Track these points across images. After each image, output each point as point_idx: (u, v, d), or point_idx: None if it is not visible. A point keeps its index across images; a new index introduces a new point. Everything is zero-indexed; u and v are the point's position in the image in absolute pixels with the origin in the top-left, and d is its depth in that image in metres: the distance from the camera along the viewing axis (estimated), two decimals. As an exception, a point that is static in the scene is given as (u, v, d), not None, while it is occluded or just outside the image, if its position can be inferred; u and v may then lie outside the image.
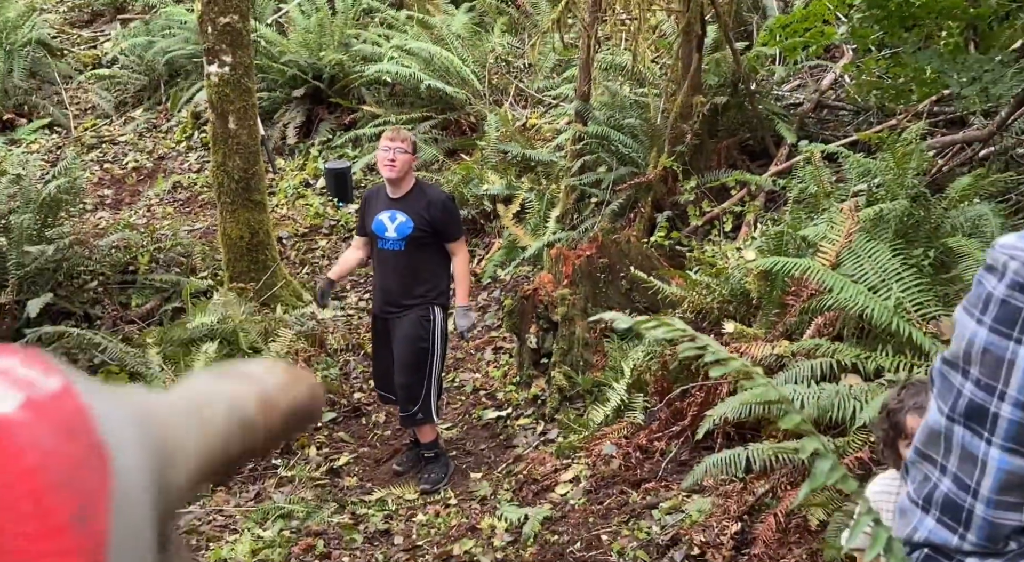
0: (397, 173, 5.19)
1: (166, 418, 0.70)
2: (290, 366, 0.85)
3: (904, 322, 4.09)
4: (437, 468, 5.46)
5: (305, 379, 0.84)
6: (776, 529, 3.95)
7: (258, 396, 0.76)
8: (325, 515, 5.21)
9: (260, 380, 0.79)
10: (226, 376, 0.80)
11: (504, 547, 4.64)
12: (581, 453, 5.26)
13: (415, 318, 5.31)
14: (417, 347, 5.32)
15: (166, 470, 0.67)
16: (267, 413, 0.76)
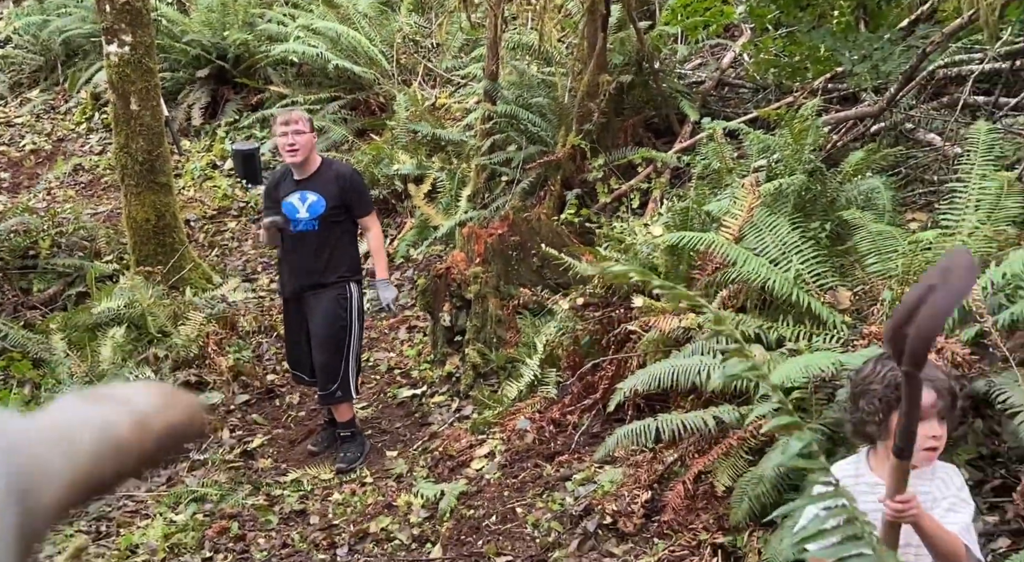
0: (301, 156, 5.16)
1: (31, 444, 0.70)
2: (167, 388, 0.84)
3: (803, 293, 4.22)
4: (353, 447, 5.46)
5: (182, 401, 0.84)
6: (685, 496, 4.06)
7: (131, 419, 0.76)
8: (239, 497, 5.18)
9: (134, 403, 0.78)
10: (98, 399, 0.79)
11: (421, 523, 4.68)
12: (496, 428, 5.32)
13: (332, 296, 5.29)
14: (336, 326, 5.31)
15: (29, 494, 0.67)
16: (141, 436, 0.76)
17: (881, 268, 4.22)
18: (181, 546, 4.73)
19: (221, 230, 8.96)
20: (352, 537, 4.67)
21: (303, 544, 4.67)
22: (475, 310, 6.10)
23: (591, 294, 5.63)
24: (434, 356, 6.32)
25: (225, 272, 8.07)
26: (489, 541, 4.41)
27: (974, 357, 3.57)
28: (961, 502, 2.32)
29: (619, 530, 4.18)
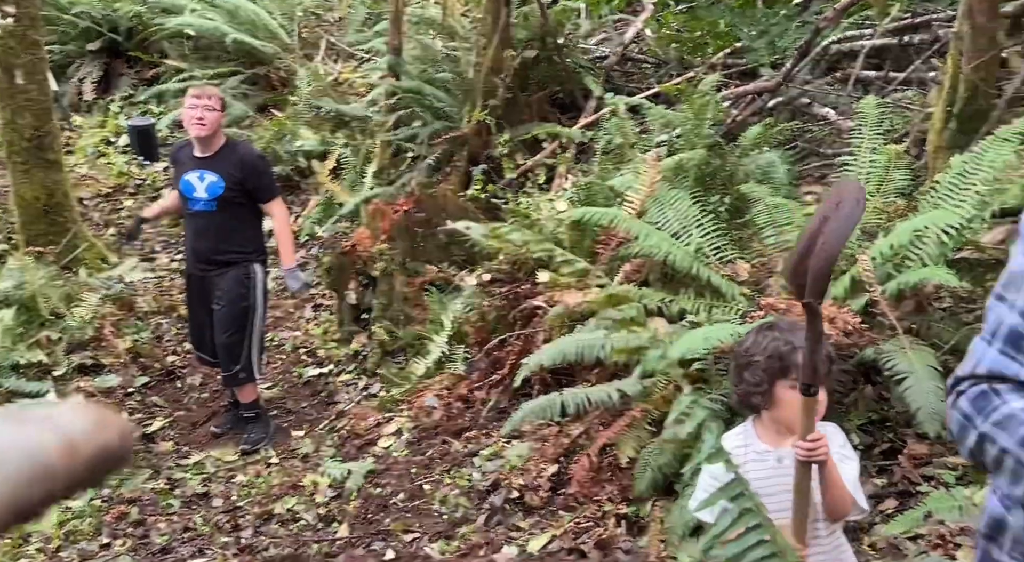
0: (207, 131, 5.04)
1: None
2: (97, 409, 0.82)
3: (704, 266, 4.29)
4: (258, 428, 5.38)
5: (112, 423, 0.81)
6: (590, 468, 4.12)
7: (59, 442, 0.74)
8: (138, 482, 5.06)
9: (63, 425, 0.76)
10: (25, 421, 0.76)
11: (327, 503, 4.65)
12: (403, 406, 5.31)
13: (235, 276, 5.19)
14: (238, 306, 5.20)
15: None
16: (70, 459, 0.74)
17: (777, 240, 4.32)
18: (77, 533, 4.61)
19: (117, 209, 8.72)
20: (257, 519, 4.61)
21: (206, 527, 4.61)
22: (381, 287, 6.07)
23: (497, 270, 5.65)
24: (340, 334, 6.27)
25: (122, 252, 7.85)
26: (397, 519, 4.41)
27: (864, 325, 3.68)
28: (845, 457, 2.39)
29: (526, 504, 4.22)
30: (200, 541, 4.51)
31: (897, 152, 4.37)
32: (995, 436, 1.11)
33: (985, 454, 1.14)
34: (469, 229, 5.39)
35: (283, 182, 8.49)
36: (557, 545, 3.90)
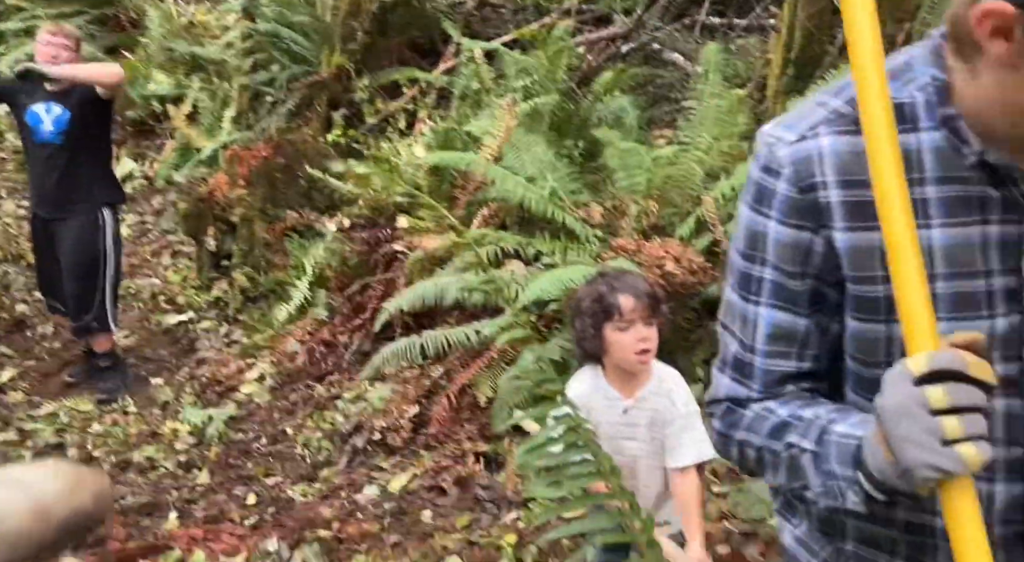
0: None
1: None
2: (72, 470, 0.76)
3: (558, 209, 4.34)
4: (114, 377, 5.22)
5: (90, 483, 0.76)
6: (450, 408, 4.16)
7: (31, 507, 0.69)
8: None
9: (35, 489, 0.71)
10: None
11: (187, 450, 4.56)
12: (266, 352, 5.23)
13: (83, 223, 4.98)
14: (87, 254, 5.00)
15: None
16: (42, 525, 0.69)
17: (628, 183, 4.39)
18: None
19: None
20: (114, 468, 4.49)
21: (63, 479, 4.47)
22: (241, 234, 5.93)
23: (358, 215, 5.59)
24: (200, 281, 6.11)
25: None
26: (259, 463, 4.37)
27: (708, 264, 3.80)
28: (691, 414, 2.47)
29: (388, 444, 4.23)
30: (56, 493, 4.37)
31: (740, 97, 4.49)
32: (749, 439, 1.21)
33: (747, 458, 1.23)
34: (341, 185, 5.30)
35: (137, 127, 8.19)
36: (418, 484, 3.93)
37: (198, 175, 7.15)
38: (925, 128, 1.11)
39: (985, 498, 1.16)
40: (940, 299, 1.10)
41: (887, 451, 1.01)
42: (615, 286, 2.43)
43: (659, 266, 3.79)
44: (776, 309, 1.19)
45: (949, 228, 1.10)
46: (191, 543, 3.81)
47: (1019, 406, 1.15)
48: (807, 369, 1.21)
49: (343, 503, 3.92)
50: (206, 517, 4.04)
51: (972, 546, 0.99)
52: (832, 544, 1.31)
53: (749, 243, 1.20)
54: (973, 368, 0.97)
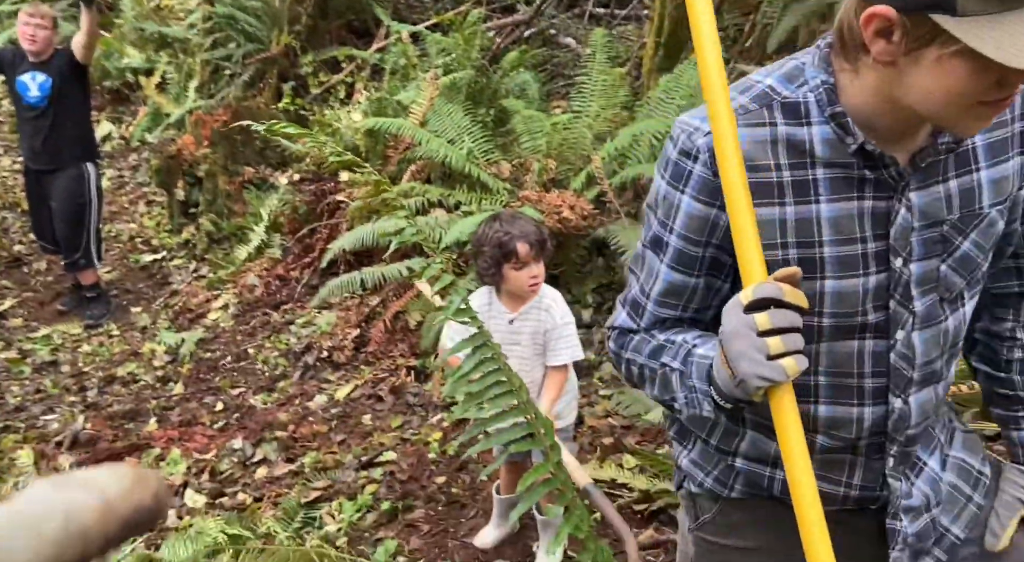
0: (38, 48, 4.64)
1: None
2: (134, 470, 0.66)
3: (474, 167, 4.23)
4: (99, 305, 4.99)
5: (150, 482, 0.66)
6: (385, 331, 4.07)
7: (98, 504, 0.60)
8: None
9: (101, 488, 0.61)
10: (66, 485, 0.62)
11: (164, 366, 4.38)
12: (229, 285, 5.05)
13: (71, 176, 4.79)
14: (75, 203, 4.83)
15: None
16: (106, 522, 0.60)
17: (532, 144, 4.30)
18: (-67, 401, 4.16)
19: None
20: (101, 381, 4.29)
21: (55, 389, 4.25)
22: (206, 186, 5.67)
23: (306, 171, 5.40)
24: (172, 226, 5.84)
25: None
26: (225, 377, 4.22)
27: (596, 211, 3.75)
28: (566, 324, 2.48)
29: (334, 361, 4.13)
30: (50, 401, 4.16)
31: (621, 74, 4.41)
32: (634, 358, 1.20)
33: (632, 374, 1.22)
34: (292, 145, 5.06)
35: (113, 95, 7.75)
36: (359, 393, 3.85)
37: (167, 136, 6.81)
38: (816, 122, 1.08)
39: (856, 419, 1.17)
40: (827, 261, 1.10)
41: (727, 367, 1.01)
42: (512, 234, 2.40)
43: (557, 213, 3.73)
44: (674, 271, 1.17)
45: (834, 203, 1.09)
46: (168, 442, 3.67)
47: (884, 346, 1.14)
48: (687, 317, 1.20)
49: (297, 409, 3.82)
50: (181, 421, 3.90)
51: (793, 432, 1.01)
52: (724, 461, 1.29)
53: (664, 212, 1.17)
54: (789, 295, 0.98)
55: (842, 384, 1.15)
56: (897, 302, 1.12)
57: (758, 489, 1.26)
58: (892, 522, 1.22)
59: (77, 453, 3.65)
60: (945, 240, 1.12)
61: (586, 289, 3.87)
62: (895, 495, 1.21)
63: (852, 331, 1.13)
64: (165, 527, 2.99)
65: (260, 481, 3.29)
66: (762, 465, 1.24)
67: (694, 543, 1.36)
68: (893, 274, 1.11)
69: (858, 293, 1.10)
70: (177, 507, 3.11)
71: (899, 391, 1.16)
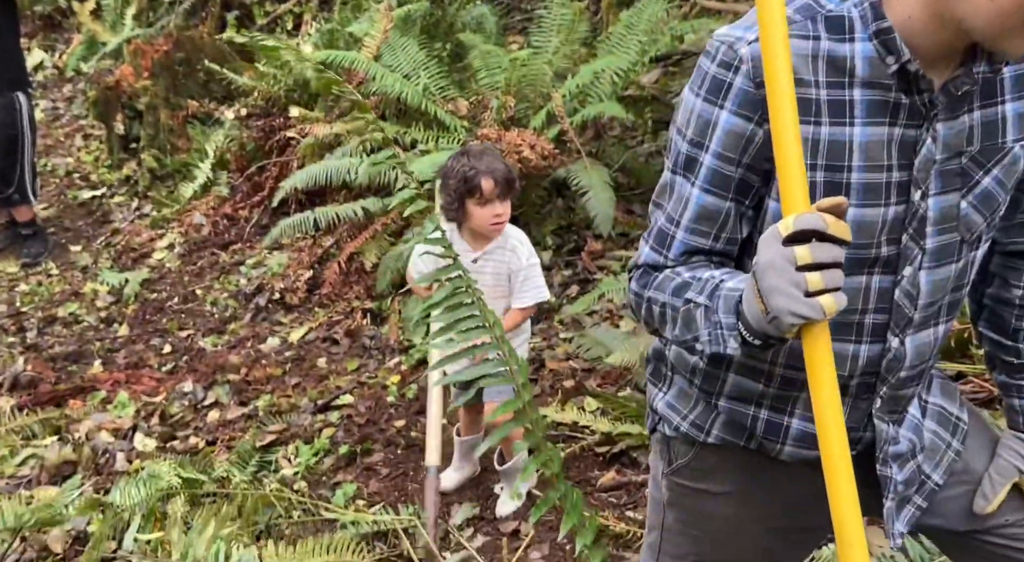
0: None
1: None
2: None
3: (431, 103, 4.11)
4: (36, 243, 4.79)
5: None
6: (340, 273, 3.97)
7: None
8: (-80, 296, 4.40)
9: None
10: None
11: (107, 307, 4.24)
12: (174, 223, 4.88)
13: (1, 106, 4.55)
14: (6, 134, 4.59)
15: None
16: None
17: (490, 81, 4.18)
18: None
19: None
20: (40, 322, 4.14)
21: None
22: (147, 120, 5.43)
23: (253, 105, 5.19)
24: (112, 161, 5.60)
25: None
26: (172, 319, 4.10)
27: (556, 151, 3.68)
28: (531, 268, 2.45)
29: (286, 303, 4.03)
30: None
31: (580, 8, 4.30)
32: (656, 297, 1.15)
33: (652, 314, 1.17)
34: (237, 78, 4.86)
35: (45, 21, 7.35)
36: (314, 335, 3.77)
37: (104, 66, 6.49)
38: (860, 39, 1.03)
39: (851, 356, 1.15)
40: (853, 188, 1.06)
41: (760, 301, 0.96)
42: (478, 168, 2.35)
43: (517, 152, 3.64)
44: (707, 193, 1.11)
45: (868, 127, 1.05)
46: (115, 385, 3.57)
47: (890, 282, 1.12)
48: (718, 249, 1.15)
49: (249, 352, 3.73)
50: (127, 364, 3.79)
51: (826, 373, 0.98)
52: (705, 401, 1.26)
53: (698, 131, 1.10)
54: (833, 228, 0.93)
55: (844, 320, 1.12)
56: (909, 237, 1.09)
57: (738, 431, 1.24)
58: (883, 468, 1.21)
59: (18, 395, 3.53)
60: (964, 173, 1.09)
61: (545, 230, 3.82)
62: (881, 439, 1.20)
63: (864, 264, 1.10)
64: (114, 471, 2.92)
65: (212, 425, 3.22)
66: (746, 405, 1.22)
67: (667, 488, 1.35)
68: (911, 207, 1.08)
69: (877, 223, 1.08)
70: (127, 451, 3.03)
71: (898, 330, 1.14)
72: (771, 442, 1.22)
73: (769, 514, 1.29)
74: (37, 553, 2.44)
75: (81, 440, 3.10)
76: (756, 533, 1.29)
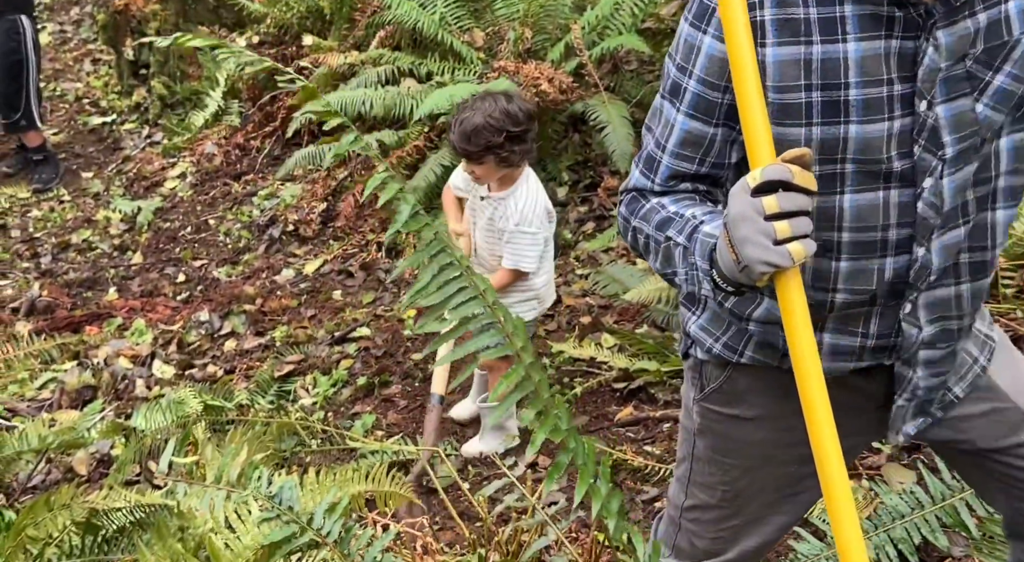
0: None
1: None
2: None
3: (447, 33, 4.02)
4: (47, 169, 4.75)
5: None
6: (354, 206, 3.94)
7: None
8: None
9: None
10: None
11: (120, 235, 4.23)
12: (186, 152, 4.83)
13: (4, 30, 4.46)
14: (11, 59, 4.51)
15: None
16: None
17: (507, 12, 4.08)
18: None
19: None
20: (54, 248, 4.14)
21: (6, 255, 4.09)
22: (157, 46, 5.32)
23: (265, 33, 5.08)
24: (121, 87, 5.51)
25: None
26: (185, 248, 4.09)
27: (575, 84, 3.62)
28: (515, 234, 2.39)
29: (300, 235, 4.01)
30: (1, 266, 4.01)
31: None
32: (641, 227, 1.17)
33: (638, 243, 1.20)
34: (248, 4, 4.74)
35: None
36: (328, 268, 3.77)
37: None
38: None
39: (877, 270, 1.14)
40: (852, 104, 1.06)
41: (732, 251, 1.00)
42: (454, 124, 2.36)
43: (535, 85, 3.58)
44: (691, 119, 1.13)
45: (862, 42, 1.04)
46: (131, 312, 3.59)
47: (909, 195, 1.11)
48: (703, 173, 1.17)
49: (264, 283, 3.73)
50: (142, 291, 3.80)
51: (799, 318, 1.02)
52: (737, 326, 1.26)
53: (684, 56, 1.13)
54: (798, 178, 0.97)
55: (866, 239, 1.13)
56: (922, 148, 1.08)
57: (770, 352, 1.25)
58: (903, 368, 1.21)
59: (35, 320, 3.55)
60: (971, 77, 1.07)
61: (561, 166, 3.78)
62: (907, 341, 1.19)
63: (876, 179, 1.10)
64: (134, 396, 2.95)
65: (230, 354, 3.24)
66: (777, 328, 1.22)
67: (699, 415, 1.35)
68: (917, 118, 1.07)
69: (883, 138, 1.07)
70: (145, 377, 3.05)
71: (923, 240, 1.13)
72: None
73: (798, 440, 1.29)
74: (63, 474, 2.48)
75: (100, 366, 3.12)
76: (785, 460, 1.30)
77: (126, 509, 1.70)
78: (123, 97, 5.44)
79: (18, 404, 2.92)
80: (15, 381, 3.05)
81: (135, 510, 1.71)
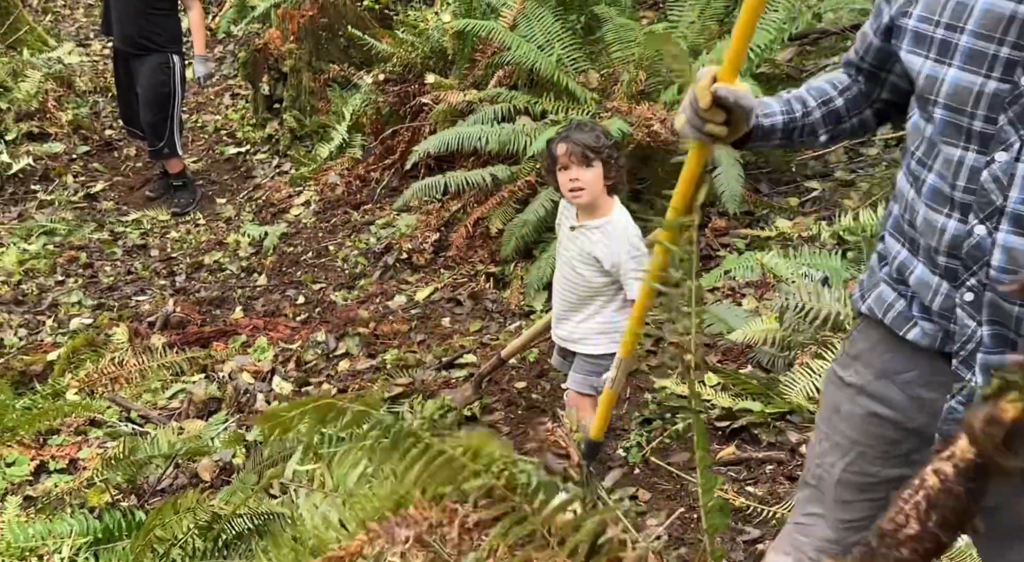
0: None
1: None
2: None
3: (563, 74, 4.09)
4: (186, 194, 5.06)
5: None
6: (466, 236, 4.03)
7: None
8: (86, 232, 4.73)
9: None
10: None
11: (248, 257, 4.45)
12: (311, 182, 5.05)
13: (156, 63, 4.80)
14: (159, 91, 4.85)
15: None
16: None
17: (622, 54, 4.13)
18: (35, 270, 4.31)
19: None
20: (189, 267, 4.39)
21: (145, 272, 4.36)
22: (291, 81, 5.62)
23: (390, 71, 5.29)
24: (256, 120, 5.84)
25: (59, 37, 6.99)
26: (306, 272, 4.26)
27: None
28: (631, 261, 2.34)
29: (413, 263, 4.13)
30: (141, 283, 4.28)
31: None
32: None
33: None
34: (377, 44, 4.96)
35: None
36: (438, 296, 3.85)
37: (253, 29, 6.74)
38: None
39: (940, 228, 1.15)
40: (960, 50, 1.10)
41: None
42: (560, 136, 2.38)
43: (647, 125, 3.59)
44: (868, 21, 1.30)
45: None
46: (254, 330, 3.75)
47: (981, 161, 1.10)
48: (863, 67, 1.34)
49: (377, 308, 3.85)
50: (265, 311, 3.97)
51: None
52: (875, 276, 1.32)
53: None
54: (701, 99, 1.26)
55: (940, 188, 1.15)
56: (1008, 120, 1.07)
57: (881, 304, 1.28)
58: (961, 368, 1.17)
59: (168, 334, 3.75)
60: None
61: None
62: (962, 335, 1.15)
63: (959, 134, 1.11)
64: (254, 409, 3.08)
65: (343, 374, 3.35)
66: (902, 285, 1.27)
67: (825, 382, 1.40)
68: (1015, 89, 1.06)
69: (972, 91, 1.08)
70: (266, 392, 3.18)
71: (982, 215, 1.10)
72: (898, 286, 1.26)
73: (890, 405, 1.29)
74: (188, 479, 2.61)
75: (225, 379, 3.28)
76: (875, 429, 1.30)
77: (246, 515, 1.78)
78: (257, 129, 5.75)
79: (151, 412, 3.09)
80: (149, 390, 3.24)
81: (254, 517, 1.78)
